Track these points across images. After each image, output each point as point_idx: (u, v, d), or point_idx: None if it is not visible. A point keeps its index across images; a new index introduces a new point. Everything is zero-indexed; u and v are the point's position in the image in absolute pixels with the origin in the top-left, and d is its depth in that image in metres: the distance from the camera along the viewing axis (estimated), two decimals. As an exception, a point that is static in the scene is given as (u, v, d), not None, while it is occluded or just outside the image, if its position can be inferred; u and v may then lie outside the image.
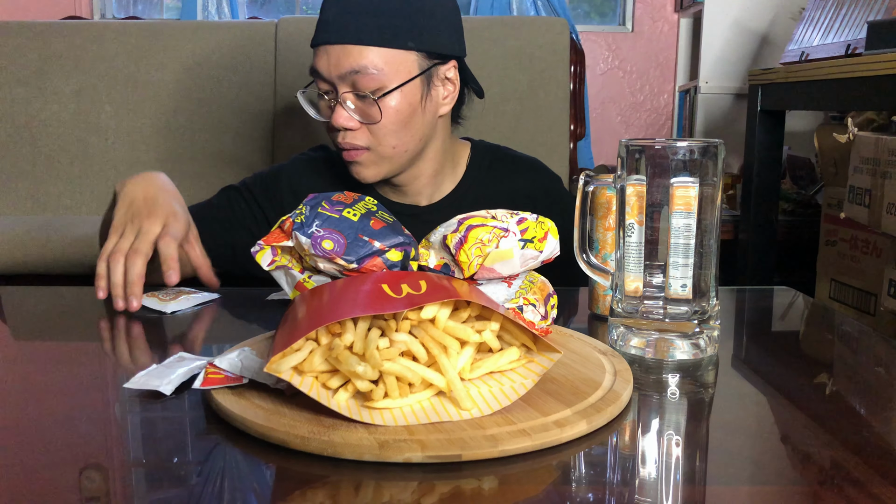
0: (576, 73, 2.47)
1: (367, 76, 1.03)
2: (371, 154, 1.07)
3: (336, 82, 1.04)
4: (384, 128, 1.05)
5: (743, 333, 0.91)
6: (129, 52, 2.43)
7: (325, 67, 1.05)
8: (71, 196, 2.42)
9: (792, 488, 0.52)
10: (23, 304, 1.02)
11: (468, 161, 1.21)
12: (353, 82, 1.04)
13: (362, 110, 1.05)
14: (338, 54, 1.03)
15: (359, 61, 1.02)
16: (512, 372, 0.62)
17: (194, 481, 0.51)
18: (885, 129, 2.01)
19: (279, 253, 0.71)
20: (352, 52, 1.03)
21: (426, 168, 1.15)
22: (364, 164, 1.08)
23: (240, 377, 0.61)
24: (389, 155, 1.08)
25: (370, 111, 1.05)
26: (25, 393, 0.68)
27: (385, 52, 1.03)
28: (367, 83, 1.03)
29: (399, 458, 0.51)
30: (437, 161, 1.16)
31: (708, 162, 0.71)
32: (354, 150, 1.07)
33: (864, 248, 1.96)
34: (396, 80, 1.04)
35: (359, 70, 1.02)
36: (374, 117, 1.05)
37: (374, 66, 1.03)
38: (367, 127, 1.05)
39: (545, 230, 0.71)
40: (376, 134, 1.06)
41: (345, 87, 1.05)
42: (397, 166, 1.11)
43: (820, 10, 2.19)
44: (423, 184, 1.17)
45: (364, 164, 1.08)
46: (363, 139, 1.06)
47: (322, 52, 1.05)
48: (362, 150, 1.07)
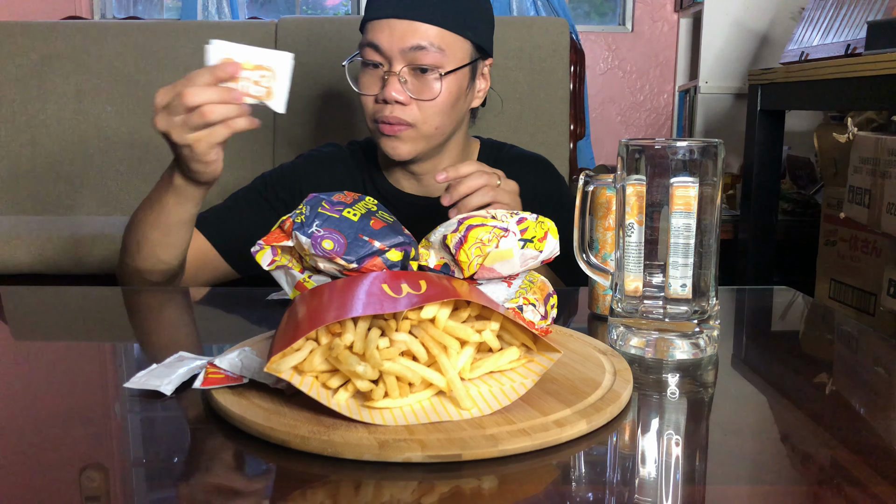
0: (576, 73, 2.47)
1: (430, 54, 1.07)
2: (413, 131, 1.10)
3: (394, 56, 1.07)
4: (434, 106, 1.09)
5: (743, 333, 0.91)
6: (129, 52, 2.43)
7: (386, 40, 1.07)
8: (71, 196, 2.42)
9: (792, 488, 0.52)
10: (23, 304, 1.02)
11: (478, 157, 1.26)
12: (413, 58, 1.07)
13: (416, 86, 1.09)
14: (404, 29, 1.07)
15: (424, 37, 1.07)
16: (512, 372, 0.62)
17: (194, 481, 0.51)
18: (884, 128, 2.01)
19: (279, 253, 0.71)
20: (418, 29, 1.07)
21: (447, 158, 1.19)
22: (403, 139, 1.11)
23: (240, 377, 0.61)
24: (430, 134, 1.12)
25: (425, 88, 1.09)
26: (25, 393, 0.68)
27: (448, 34, 1.08)
28: (427, 60, 1.07)
29: (399, 457, 0.51)
30: (457, 152, 1.21)
31: (708, 162, 0.71)
32: (398, 125, 1.09)
33: (863, 248, 1.96)
34: (452, 64, 1.09)
35: (424, 46, 1.06)
36: (428, 94, 1.08)
37: (437, 45, 1.07)
38: (415, 104, 1.09)
39: (545, 230, 0.71)
40: (425, 111, 1.09)
41: (401, 63, 1.07)
42: (431, 147, 1.14)
43: (820, 10, 2.19)
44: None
45: (403, 140, 1.11)
46: (410, 115, 1.09)
47: (384, 25, 1.08)
48: (405, 126, 1.10)
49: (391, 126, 1.10)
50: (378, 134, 1.12)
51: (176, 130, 0.89)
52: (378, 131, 1.12)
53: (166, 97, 0.88)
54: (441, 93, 1.09)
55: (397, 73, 1.07)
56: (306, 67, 2.39)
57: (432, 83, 1.08)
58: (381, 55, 1.08)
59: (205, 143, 0.90)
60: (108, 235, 2.02)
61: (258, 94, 0.90)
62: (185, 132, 0.88)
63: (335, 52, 2.35)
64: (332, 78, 2.34)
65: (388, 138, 1.11)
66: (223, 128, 0.90)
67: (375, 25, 1.08)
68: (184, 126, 0.88)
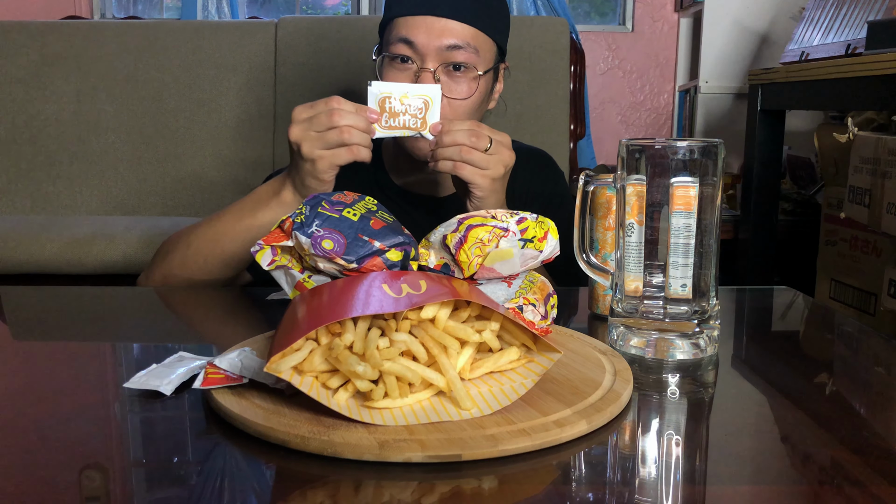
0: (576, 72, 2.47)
1: (465, 53, 1.07)
2: None
3: (429, 54, 1.07)
4: (464, 106, 1.09)
5: (743, 333, 0.91)
6: (129, 52, 2.43)
7: (422, 36, 1.06)
8: (71, 196, 2.42)
9: (792, 488, 0.52)
10: (23, 304, 1.02)
11: None
12: (448, 57, 1.07)
13: (449, 85, 1.08)
14: (441, 26, 1.06)
15: (461, 37, 1.07)
16: (512, 372, 0.62)
17: (194, 481, 0.51)
18: (885, 128, 2.01)
19: (279, 253, 0.71)
20: (455, 28, 1.07)
21: None
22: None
23: (240, 377, 0.61)
24: None
25: (458, 87, 1.08)
26: (25, 393, 0.68)
27: (480, 35, 1.09)
28: (462, 59, 1.07)
29: (399, 457, 0.51)
30: None
31: (708, 162, 0.71)
32: None
33: (864, 247, 1.96)
34: (484, 65, 1.10)
35: (461, 46, 1.07)
36: (460, 93, 1.08)
37: (473, 45, 1.08)
38: (446, 102, 1.08)
39: (545, 230, 0.71)
40: (455, 110, 1.09)
41: (436, 61, 1.07)
42: None
43: (820, 9, 2.19)
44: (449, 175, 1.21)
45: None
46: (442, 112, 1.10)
47: (419, 21, 1.07)
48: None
49: None
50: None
51: (308, 143, 0.94)
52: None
53: (308, 112, 0.96)
54: (474, 93, 1.09)
55: (433, 70, 1.07)
56: (306, 67, 2.39)
57: (466, 83, 1.09)
58: (415, 51, 1.07)
59: (327, 162, 0.95)
60: (108, 235, 2.02)
61: (414, 126, 0.97)
62: (317, 147, 0.94)
63: (335, 52, 2.35)
64: (333, 77, 2.34)
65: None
66: (347, 152, 0.94)
67: (409, 21, 1.07)
68: (318, 140, 0.94)
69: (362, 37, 2.34)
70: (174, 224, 2.16)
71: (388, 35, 1.10)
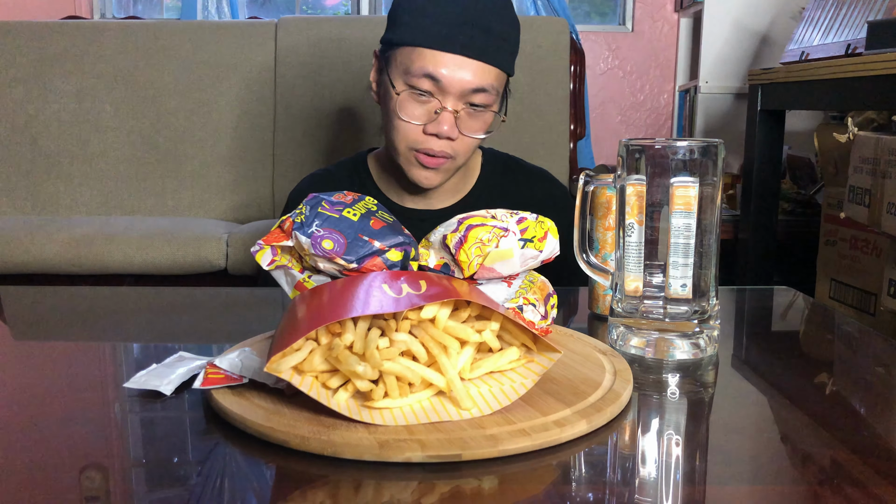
0: (576, 72, 2.47)
1: (487, 96, 1.07)
2: (450, 163, 1.11)
3: (453, 94, 1.06)
4: (476, 140, 1.10)
5: (743, 333, 0.91)
6: (129, 52, 2.43)
7: (449, 77, 1.05)
8: (71, 196, 2.42)
9: (792, 488, 0.52)
10: (23, 304, 1.02)
11: (481, 168, 1.24)
12: (471, 98, 1.06)
13: (466, 123, 1.08)
14: (472, 68, 1.05)
15: (487, 80, 1.06)
16: (512, 372, 0.62)
17: (194, 481, 0.51)
18: (885, 128, 2.01)
19: (279, 252, 0.71)
20: (482, 70, 1.06)
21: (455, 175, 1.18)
22: (440, 171, 1.11)
23: (240, 377, 0.61)
24: (461, 164, 1.13)
25: (474, 124, 1.09)
26: (25, 393, 0.68)
27: (503, 76, 1.10)
28: (484, 101, 1.07)
29: (399, 457, 0.51)
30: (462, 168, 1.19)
31: (708, 162, 0.71)
32: (442, 158, 1.09)
33: (864, 247, 1.96)
34: (499, 102, 1.11)
35: (486, 89, 1.06)
36: (474, 130, 1.09)
37: (495, 87, 1.08)
38: (460, 139, 1.09)
39: (545, 230, 0.71)
40: (466, 144, 1.10)
41: (459, 101, 1.06)
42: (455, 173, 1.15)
43: (820, 9, 2.19)
44: (444, 189, 1.19)
45: (440, 171, 1.11)
46: (453, 149, 1.09)
47: (448, 60, 1.04)
48: (448, 158, 1.10)
49: (433, 159, 1.09)
50: (413, 163, 1.11)
51: None
52: (415, 161, 1.10)
53: None
54: (489, 126, 1.10)
55: (455, 112, 1.06)
56: (306, 67, 2.39)
57: (481, 120, 1.09)
58: (439, 89, 1.05)
59: None
60: (108, 235, 2.02)
61: None
62: None
63: (335, 52, 2.35)
64: (333, 77, 2.34)
65: (424, 169, 1.10)
66: None
67: (438, 58, 1.04)
68: None
69: (362, 37, 2.34)
70: (174, 224, 2.16)
71: (409, 63, 1.06)
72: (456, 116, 1.06)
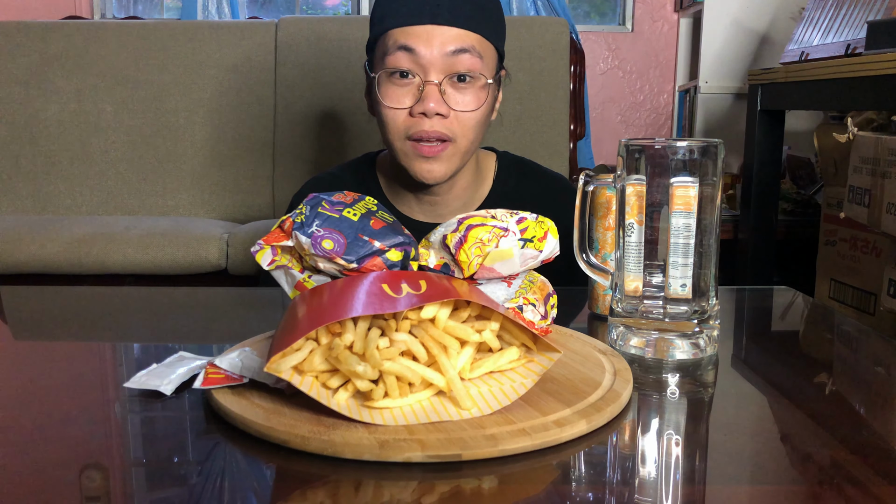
0: (576, 72, 2.47)
1: (471, 58, 1.00)
2: (452, 148, 1.03)
3: (433, 63, 1.00)
4: (473, 118, 1.02)
5: (743, 333, 0.91)
6: (129, 52, 2.43)
7: (424, 44, 0.99)
8: (71, 196, 2.42)
9: (792, 488, 0.52)
10: (23, 304, 1.02)
11: (495, 174, 1.17)
12: (454, 64, 1.00)
13: (456, 98, 1.01)
14: (444, 33, 0.99)
15: (467, 42, 1.00)
16: (512, 372, 0.62)
17: (194, 481, 0.51)
18: (884, 128, 2.01)
19: (279, 252, 0.71)
20: (460, 34, 1.00)
21: (462, 178, 1.12)
22: (442, 159, 1.03)
23: (240, 377, 0.61)
24: (465, 150, 1.05)
25: (465, 98, 1.01)
26: (25, 393, 0.68)
27: (484, 42, 1.02)
28: (469, 65, 1.00)
29: (399, 457, 0.51)
30: (472, 170, 1.13)
31: (708, 162, 0.71)
32: (440, 143, 1.02)
33: (863, 247, 1.96)
34: (489, 73, 1.04)
35: (467, 49, 1.00)
36: (468, 105, 1.01)
37: (478, 50, 1.01)
38: (454, 116, 1.01)
39: (545, 230, 0.71)
40: (464, 124, 1.02)
41: (441, 73, 1.00)
42: (461, 165, 1.07)
43: (820, 9, 2.19)
44: (455, 195, 1.13)
45: (442, 160, 1.03)
46: (450, 129, 1.02)
47: (421, 30, 1.00)
48: (446, 142, 1.02)
49: (431, 147, 1.01)
50: (411, 156, 1.03)
51: None
52: (413, 152, 1.03)
53: None
54: (483, 104, 1.03)
55: (438, 83, 1.00)
56: (306, 67, 2.39)
57: (473, 93, 1.02)
58: (416, 62, 1.00)
59: None
60: (108, 235, 2.02)
61: None
62: None
63: (335, 52, 2.35)
64: (333, 77, 2.34)
65: (425, 160, 1.03)
66: None
67: (408, 31, 1.00)
68: None
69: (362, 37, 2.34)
70: (174, 224, 2.16)
71: (383, 47, 1.02)
72: (441, 91, 1.00)
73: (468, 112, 1.02)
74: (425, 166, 1.03)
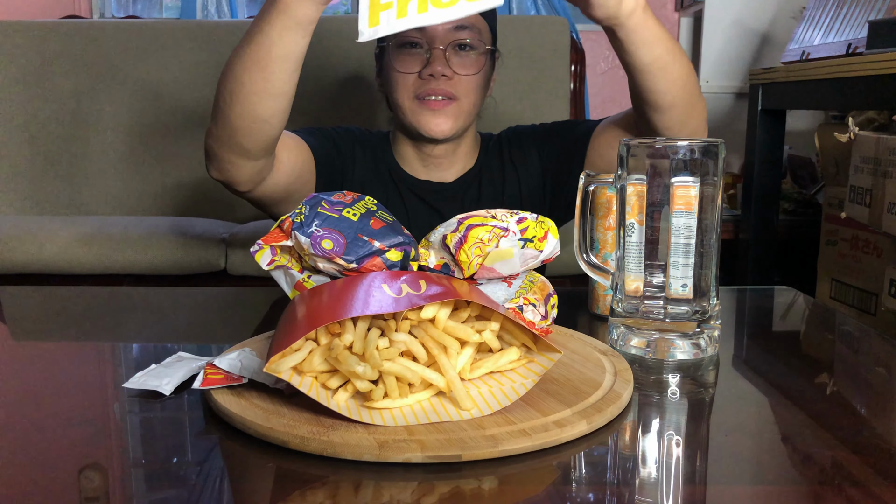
0: (576, 72, 2.47)
1: (471, 33, 1.17)
2: (455, 106, 1.17)
3: (437, 36, 1.15)
4: (473, 81, 1.18)
5: (743, 333, 0.91)
6: (129, 52, 2.43)
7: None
8: (71, 196, 2.41)
9: (792, 488, 0.52)
10: (23, 304, 1.02)
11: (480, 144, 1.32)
12: (455, 37, 1.16)
13: (458, 62, 1.17)
14: None
15: (469, 20, 1.16)
16: (512, 372, 0.62)
17: (194, 481, 0.51)
18: (885, 128, 2.01)
19: (278, 252, 0.71)
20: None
21: (465, 143, 1.26)
22: (448, 114, 1.17)
23: (240, 377, 0.61)
24: (468, 111, 1.19)
25: (466, 63, 1.17)
26: (25, 393, 0.68)
27: (480, 19, 1.19)
28: (469, 37, 1.17)
29: (399, 458, 0.51)
30: (472, 138, 1.28)
31: (708, 161, 0.71)
32: (445, 100, 1.16)
33: (864, 247, 1.96)
34: (485, 44, 1.20)
35: (467, 26, 1.16)
36: (468, 69, 1.17)
37: (477, 26, 1.18)
38: (457, 78, 1.16)
39: (545, 230, 0.71)
40: (466, 85, 1.17)
41: (444, 42, 1.15)
42: (465, 126, 1.21)
43: (821, 9, 2.19)
44: (457, 158, 1.26)
45: (447, 115, 1.17)
46: (454, 88, 1.16)
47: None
48: (451, 100, 1.17)
49: (438, 102, 1.15)
50: (419, 112, 1.17)
51: None
52: (421, 108, 1.17)
53: None
54: (482, 68, 1.18)
55: (443, 49, 1.15)
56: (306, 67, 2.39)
57: (473, 58, 1.17)
58: (424, 35, 1.15)
59: None
60: (108, 235, 2.02)
61: None
62: None
63: (335, 52, 2.35)
64: (333, 77, 2.34)
65: (433, 114, 1.16)
66: None
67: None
68: None
69: (362, 36, 2.34)
70: (174, 224, 2.16)
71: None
72: (446, 56, 1.15)
73: (470, 75, 1.17)
74: (433, 120, 1.17)
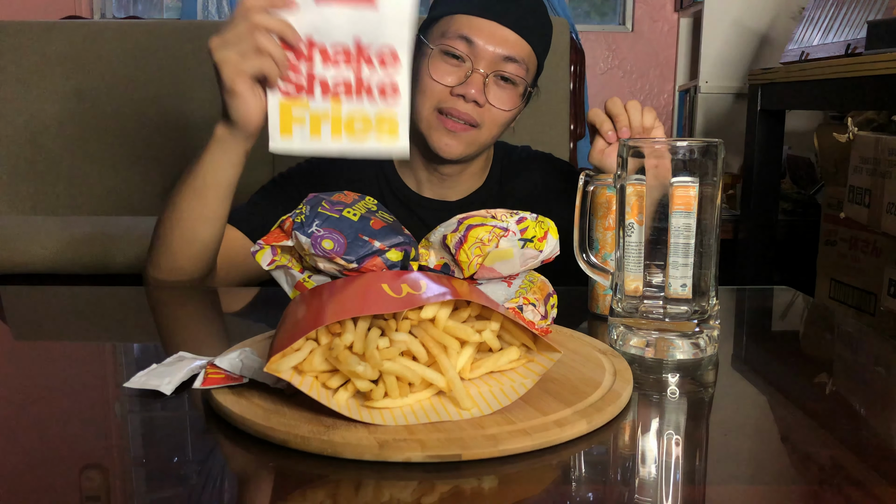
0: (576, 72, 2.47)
1: (517, 68, 1.10)
2: (474, 134, 1.10)
3: (485, 58, 1.08)
4: (502, 116, 1.11)
5: (743, 333, 0.91)
6: (129, 52, 2.43)
7: (484, 40, 1.07)
8: (71, 196, 2.41)
9: (792, 488, 0.52)
10: (23, 304, 1.02)
11: (493, 160, 1.26)
12: (502, 67, 1.09)
13: (495, 93, 1.10)
14: (505, 36, 1.08)
15: (519, 51, 1.09)
16: (512, 372, 0.62)
17: (194, 481, 0.51)
18: (884, 128, 2.01)
19: (279, 252, 0.71)
20: (516, 41, 1.09)
21: (474, 164, 1.20)
22: (463, 140, 1.10)
23: (240, 377, 0.61)
24: (485, 142, 1.13)
25: (501, 97, 1.10)
26: (25, 393, 0.68)
27: (533, 55, 1.12)
28: (513, 72, 1.09)
29: (399, 457, 0.51)
30: (484, 159, 1.22)
31: (708, 161, 0.71)
32: (466, 125, 1.09)
33: (863, 247, 1.96)
34: (525, 82, 1.12)
35: (516, 60, 1.09)
36: (502, 104, 1.10)
37: (525, 62, 1.10)
38: (487, 108, 1.09)
39: (545, 230, 0.71)
40: (492, 118, 1.10)
41: (490, 67, 1.08)
42: (476, 154, 1.16)
43: (820, 9, 2.19)
44: (465, 178, 1.21)
45: (462, 140, 1.10)
46: (479, 117, 1.09)
47: (484, 24, 1.08)
48: (472, 127, 1.10)
49: (458, 124, 1.09)
50: (435, 126, 1.10)
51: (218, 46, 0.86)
52: (438, 124, 1.09)
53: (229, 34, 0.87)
54: (516, 105, 1.11)
55: (485, 74, 1.07)
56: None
57: (510, 95, 1.10)
58: (472, 52, 1.07)
59: (231, 68, 0.86)
60: (108, 235, 2.02)
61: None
62: (223, 49, 0.86)
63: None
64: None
65: (449, 134, 1.09)
66: (256, 58, 0.85)
67: (473, 22, 1.08)
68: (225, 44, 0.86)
69: (362, 37, 2.34)
70: (174, 224, 2.16)
71: (446, 28, 1.10)
72: (485, 82, 1.07)
73: (502, 110, 1.10)
74: (445, 139, 1.10)
